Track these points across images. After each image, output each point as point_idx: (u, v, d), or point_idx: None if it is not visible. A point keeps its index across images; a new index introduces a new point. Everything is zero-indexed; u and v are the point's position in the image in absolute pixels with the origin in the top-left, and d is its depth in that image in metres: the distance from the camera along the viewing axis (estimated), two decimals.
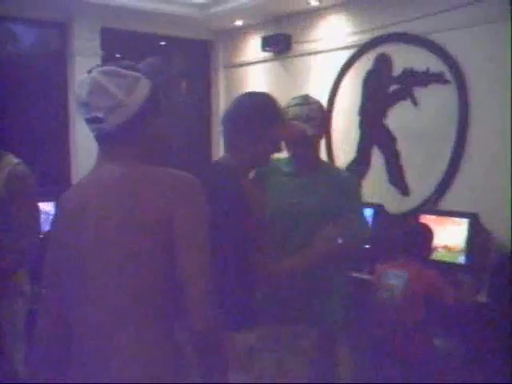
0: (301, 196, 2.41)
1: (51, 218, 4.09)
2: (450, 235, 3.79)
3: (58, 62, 5.29)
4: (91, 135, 1.59)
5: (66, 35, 5.25)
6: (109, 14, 5.14)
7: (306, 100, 2.45)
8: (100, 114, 1.46)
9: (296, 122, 2.37)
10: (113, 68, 1.50)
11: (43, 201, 4.44)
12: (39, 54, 5.37)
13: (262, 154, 2.14)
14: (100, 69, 1.51)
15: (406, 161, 4.48)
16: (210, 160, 6.23)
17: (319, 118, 2.43)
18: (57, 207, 1.64)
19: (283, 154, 2.42)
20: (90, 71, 1.53)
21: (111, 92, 1.46)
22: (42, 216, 4.46)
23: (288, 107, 2.42)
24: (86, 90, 1.47)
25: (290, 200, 2.42)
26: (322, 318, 2.42)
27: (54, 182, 5.08)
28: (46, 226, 4.25)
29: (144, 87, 1.52)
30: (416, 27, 4.31)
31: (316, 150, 2.52)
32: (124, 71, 1.50)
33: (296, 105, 2.42)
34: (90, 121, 1.48)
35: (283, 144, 2.27)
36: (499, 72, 3.87)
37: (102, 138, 1.53)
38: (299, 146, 2.43)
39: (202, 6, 5.34)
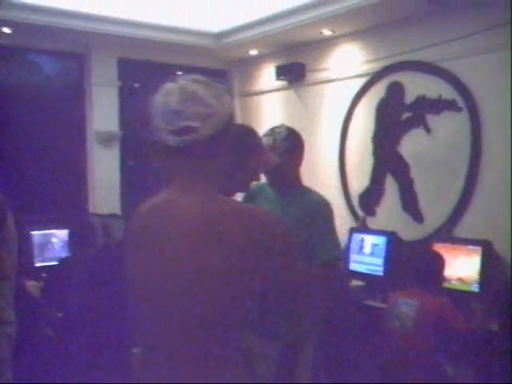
0: None
1: (66, 244, 4.17)
2: (463, 263, 3.75)
3: (77, 91, 5.42)
4: (108, 165, 1.60)
5: (83, 66, 5.37)
6: (126, 44, 5.26)
7: (272, 130, 2.60)
8: (194, 123, 1.38)
9: (270, 153, 2.43)
10: (202, 77, 1.44)
11: (59, 228, 4.54)
12: (59, 84, 5.50)
13: (241, 181, 2.23)
14: (189, 77, 1.44)
15: (419, 188, 4.47)
16: None
17: (283, 147, 2.53)
18: (127, 227, 1.59)
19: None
20: (173, 80, 1.44)
21: (206, 100, 1.39)
22: (58, 243, 4.56)
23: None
24: (176, 99, 1.38)
25: None
26: None
27: (70, 210, 5.16)
28: (62, 253, 4.34)
29: (228, 98, 1.47)
30: (428, 55, 4.34)
31: (287, 177, 2.61)
32: (212, 81, 1.44)
33: (264, 135, 2.56)
34: (179, 131, 1.39)
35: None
36: (510, 98, 3.86)
37: (191, 150, 1.41)
38: (269, 174, 2.56)
39: (217, 36, 5.43)
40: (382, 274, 4.11)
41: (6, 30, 4.69)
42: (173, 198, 1.43)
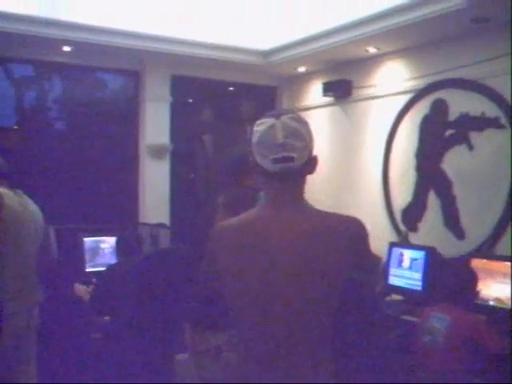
0: None
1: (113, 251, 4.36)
2: (501, 280, 3.73)
3: (132, 107, 5.69)
4: (159, 177, 1.79)
5: (138, 82, 5.63)
6: (179, 62, 5.49)
7: None
8: (294, 154, 1.65)
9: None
10: (297, 115, 1.73)
11: (110, 235, 4.76)
12: (115, 99, 5.80)
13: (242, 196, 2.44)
14: (288, 115, 1.70)
15: (461, 205, 4.48)
16: None
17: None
18: (216, 242, 1.76)
19: None
20: (273, 116, 1.70)
21: (303, 135, 1.68)
22: (108, 249, 4.79)
23: None
24: (281, 134, 1.65)
25: None
26: None
27: (121, 220, 5.40)
28: (111, 259, 4.54)
29: (311, 132, 1.74)
30: (472, 73, 4.36)
31: None
32: (303, 118, 1.74)
33: None
34: (280, 160, 1.65)
35: None
36: None
37: (289, 176, 1.70)
38: None
39: (266, 54, 5.59)
40: (420, 288, 4.14)
41: (67, 48, 4.99)
42: (273, 213, 1.70)
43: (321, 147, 5.90)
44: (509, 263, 3.72)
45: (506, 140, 4.16)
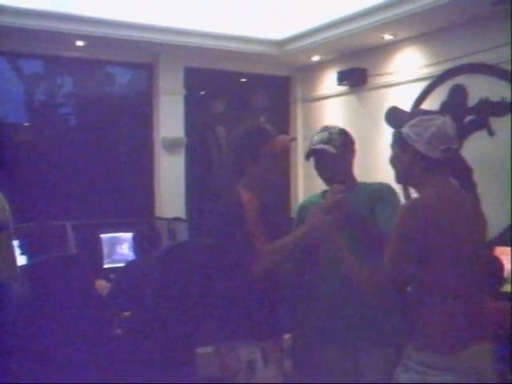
0: None
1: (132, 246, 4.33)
2: None
3: (145, 100, 5.65)
4: (174, 170, 1.75)
5: (152, 75, 5.59)
6: (191, 54, 5.44)
7: (326, 127, 2.55)
8: (453, 145, 2.03)
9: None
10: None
11: (127, 231, 4.74)
12: (129, 93, 5.76)
13: (262, 173, 2.35)
14: (446, 117, 2.03)
15: (482, 191, 4.40)
16: (289, 190, 6.37)
17: (340, 140, 2.47)
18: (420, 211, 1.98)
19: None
20: (443, 114, 2.06)
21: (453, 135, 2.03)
22: (127, 245, 4.77)
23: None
24: (452, 130, 2.01)
25: None
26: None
27: (138, 215, 5.37)
28: (129, 255, 4.52)
29: None
30: (491, 57, 4.29)
31: (343, 171, 2.51)
32: None
33: (317, 133, 2.52)
34: (447, 151, 2.01)
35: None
36: None
37: (446, 161, 2.06)
38: (325, 170, 2.50)
39: (279, 44, 5.54)
40: None
41: (80, 43, 4.96)
42: (449, 191, 2.10)
43: None
44: None
45: None
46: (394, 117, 2.10)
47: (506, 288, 3.64)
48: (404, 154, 2.08)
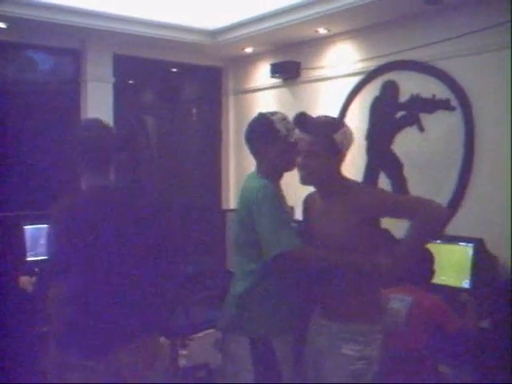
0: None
1: None
2: (455, 260, 3.78)
3: (72, 87, 5.41)
4: None
5: (79, 62, 5.36)
6: (121, 41, 5.26)
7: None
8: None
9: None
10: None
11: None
12: (54, 79, 5.48)
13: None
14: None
15: (412, 187, 4.50)
16: (220, 181, 6.30)
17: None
18: None
19: None
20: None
21: None
22: None
23: None
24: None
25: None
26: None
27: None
28: None
29: None
30: (423, 54, 4.37)
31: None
32: None
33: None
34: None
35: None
36: (504, 98, 3.90)
37: None
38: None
39: (212, 34, 5.44)
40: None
41: (2, 25, 4.68)
42: None
43: None
44: (463, 244, 3.77)
45: (457, 122, 4.20)
46: (306, 122, 2.18)
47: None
48: (332, 157, 2.37)
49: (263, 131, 2.53)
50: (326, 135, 2.37)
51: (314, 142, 2.38)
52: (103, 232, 2.33)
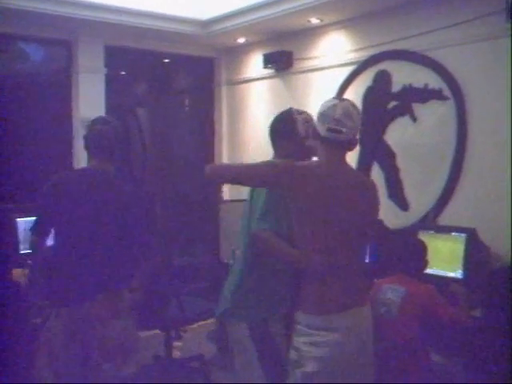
0: None
1: None
2: (447, 250, 3.80)
3: (63, 78, 5.38)
4: None
5: (70, 53, 5.33)
6: (113, 31, 5.22)
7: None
8: (344, 129, 2.24)
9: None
10: (351, 102, 2.33)
11: None
12: (45, 70, 5.45)
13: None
14: (349, 101, 2.32)
15: (405, 176, 4.51)
16: None
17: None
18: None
19: None
20: (340, 100, 2.35)
21: (354, 118, 2.26)
22: None
23: None
24: (339, 112, 2.24)
25: None
26: None
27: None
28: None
29: (360, 116, 2.31)
30: (415, 44, 4.36)
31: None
32: (358, 107, 2.33)
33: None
34: (333, 130, 2.25)
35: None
36: (497, 88, 3.91)
37: (338, 144, 2.28)
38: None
39: (204, 24, 5.41)
40: (367, 261, 4.14)
41: None
42: (336, 168, 2.31)
43: (260, 120, 5.83)
44: (456, 234, 3.78)
45: (449, 111, 4.21)
46: None
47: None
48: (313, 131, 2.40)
49: (283, 127, 2.64)
50: None
51: None
52: (83, 203, 2.82)
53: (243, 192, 2.68)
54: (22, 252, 4.45)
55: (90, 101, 5.30)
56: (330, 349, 2.18)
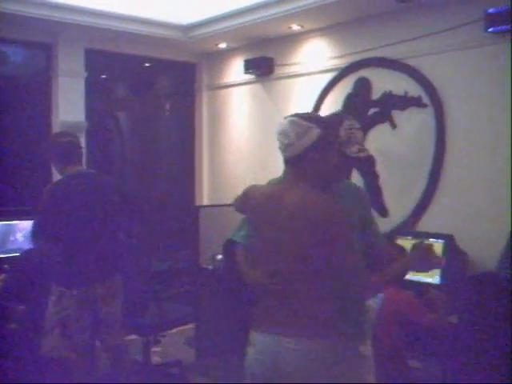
0: None
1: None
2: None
3: (43, 81, 5.33)
4: None
5: (50, 56, 5.29)
6: (93, 35, 5.20)
7: None
8: (281, 147, 2.11)
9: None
10: (295, 119, 2.09)
11: (23, 219, 4.48)
12: (25, 73, 5.40)
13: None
14: (289, 118, 2.10)
15: (384, 183, 4.54)
16: (194, 177, 6.28)
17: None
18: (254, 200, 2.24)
19: None
20: (290, 116, 2.12)
21: (291, 136, 2.07)
22: (22, 234, 4.49)
23: None
24: (278, 129, 2.11)
25: None
26: None
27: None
28: (25, 245, 4.25)
29: (312, 135, 2.06)
30: (395, 52, 4.41)
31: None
32: (301, 122, 2.08)
33: None
34: (282, 150, 2.11)
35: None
36: (475, 96, 3.96)
37: (285, 162, 2.16)
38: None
39: (186, 29, 5.41)
40: None
41: None
42: (284, 190, 2.14)
43: (241, 125, 5.85)
44: (434, 240, 3.81)
45: (428, 119, 4.25)
46: None
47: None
48: None
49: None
50: None
51: None
52: (79, 202, 3.31)
53: (222, 197, 2.69)
54: None
55: (69, 104, 5.26)
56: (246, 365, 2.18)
